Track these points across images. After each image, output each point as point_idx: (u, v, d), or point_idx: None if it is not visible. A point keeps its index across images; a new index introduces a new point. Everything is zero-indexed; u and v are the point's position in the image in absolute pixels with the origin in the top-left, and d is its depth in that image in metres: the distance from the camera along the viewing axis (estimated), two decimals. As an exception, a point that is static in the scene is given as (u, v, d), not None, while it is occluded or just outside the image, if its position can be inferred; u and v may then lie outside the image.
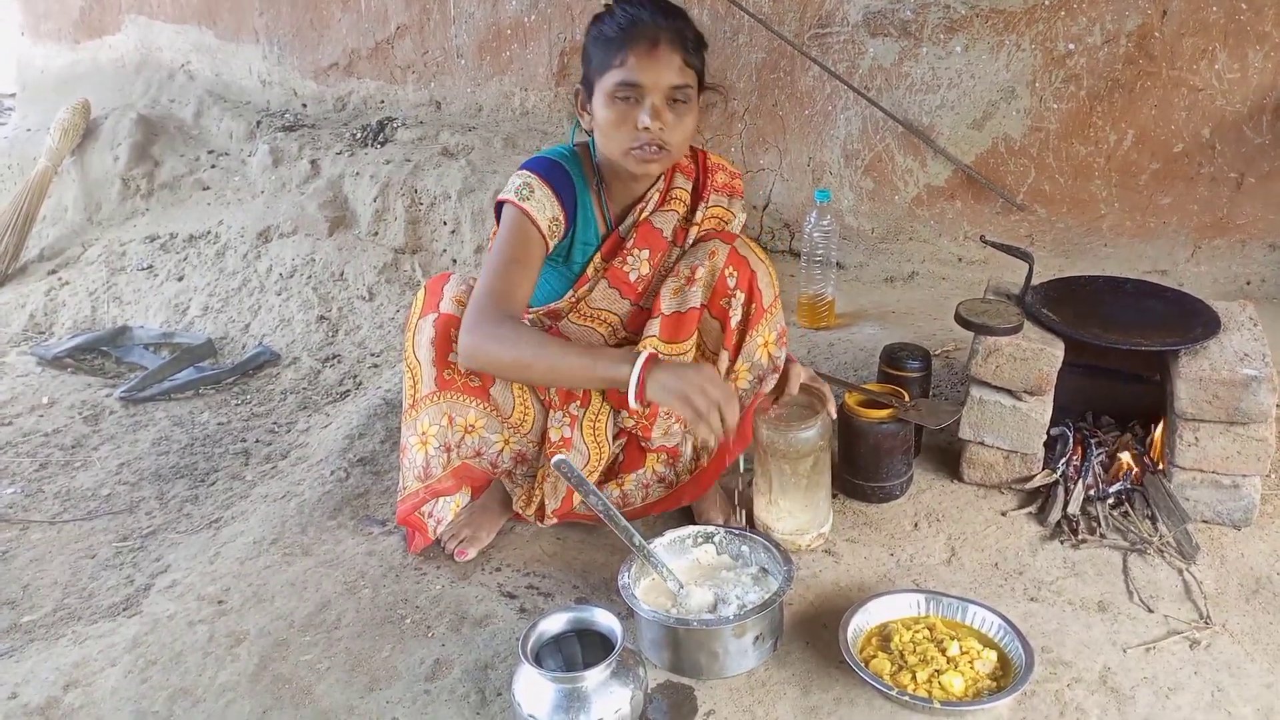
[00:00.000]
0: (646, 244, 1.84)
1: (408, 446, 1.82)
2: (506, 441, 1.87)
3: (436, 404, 1.78)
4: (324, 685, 1.61)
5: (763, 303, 1.81)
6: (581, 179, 1.80)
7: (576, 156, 1.81)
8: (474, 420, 1.83)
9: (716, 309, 1.82)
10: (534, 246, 1.73)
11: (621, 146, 1.69)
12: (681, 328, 1.82)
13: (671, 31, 1.67)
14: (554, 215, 1.74)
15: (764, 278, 1.82)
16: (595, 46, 1.70)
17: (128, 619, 1.82)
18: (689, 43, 1.70)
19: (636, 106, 1.66)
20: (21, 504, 2.43)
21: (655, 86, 1.65)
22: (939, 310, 2.84)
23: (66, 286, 3.78)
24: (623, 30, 1.66)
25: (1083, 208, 2.98)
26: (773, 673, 1.60)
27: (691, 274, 1.80)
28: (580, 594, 1.82)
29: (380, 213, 3.52)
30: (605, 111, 1.68)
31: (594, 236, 1.84)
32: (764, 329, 1.83)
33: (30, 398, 3.04)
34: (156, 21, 4.52)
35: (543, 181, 1.74)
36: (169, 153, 4.15)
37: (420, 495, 1.83)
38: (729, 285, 1.80)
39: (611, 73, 1.65)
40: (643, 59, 1.64)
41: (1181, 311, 2.09)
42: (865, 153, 3.17)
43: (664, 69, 1.66)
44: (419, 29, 3.84)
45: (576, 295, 1.85)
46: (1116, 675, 1.59)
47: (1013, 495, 2.06)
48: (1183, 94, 2.79)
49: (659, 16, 1.67)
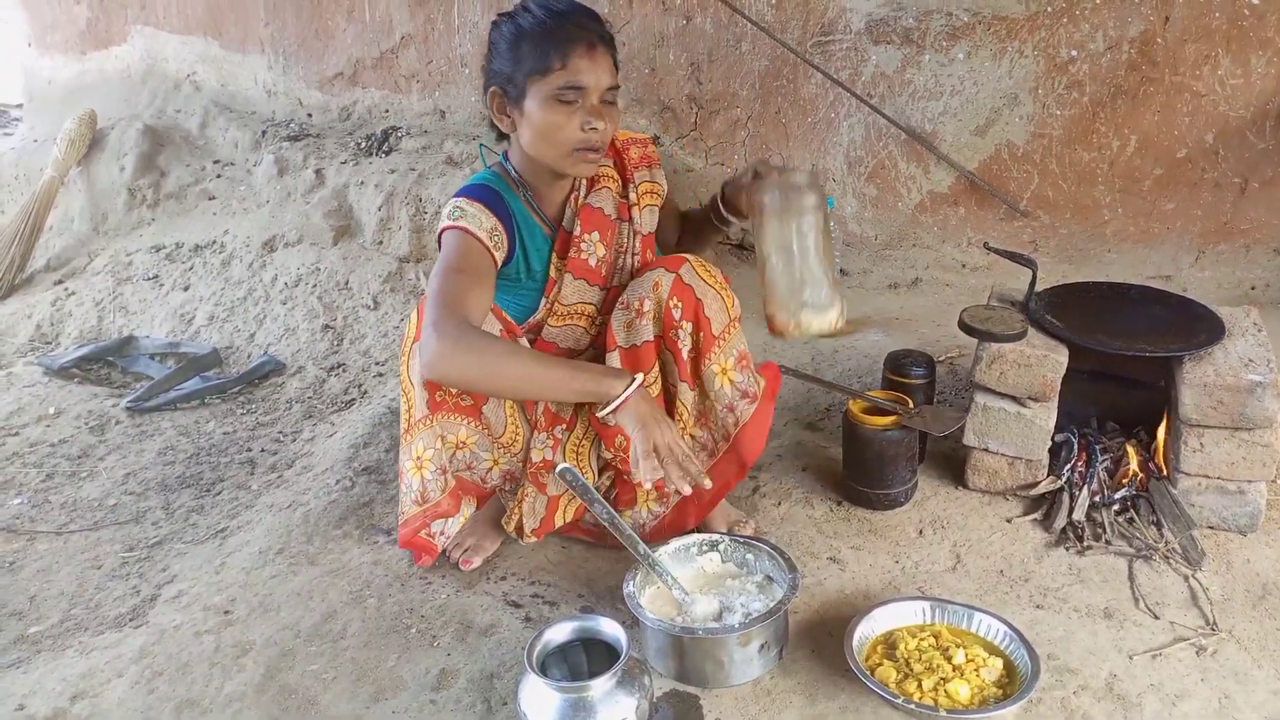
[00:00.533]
0: (593, 226, 1.84)
1: (404, 471, 1.83)
2: (496, 461, 1.88)
3: (430, 428, 1.79)
4: (330, 695, 1.62)
5: (712, 330, 1.76)
6: (509, 192, 1.79)
7: (498, 175, 1.81)
8: (465, 437, 1.83)
9: (668, 340, 1.79)
10: (477, 258, 1.70)
11: (563, 149, 1.69)
12: (640, 361, 1.78)
13: (599, 32, 1.68)
14: (491, 225, 1.72)
15: (713, 304, 1.76)
16: (522, 46, 1.67)
17: (134, 630, 1.83)
18: (611, 45, 1.71)
19: (578, 109, 1.66)
20: (28, 515, 2.44)
21: (596, 88, 1.66)
22: (943, 316, 2.84)
23: (73, 296, 3.79)
24: (556, 31, 1.65)
25: (1086, 213, 2.98)
26: (778, 681, 1.60)
27: (640, 306, 1.76)
28: (585, 603, 1.82)
29: (385, 222, 3.53)
30: (545, 114, 1.66)
31: (543, 240, 1.84)
32: (718, 356, 1.78)
33: (37, 408, 3.05)
34: (162, 32, 4.55)
35: (471, 200, 1.73)
36: (175, 163, 4.17)
37: (420, 520, 1.84)
38: (674, 317, 1.75)
39: (551, 76, 1.64)
40: (583, 60, 1.64)
41: (1186, 317, 2.09)
42: (868, 160, 3.17)
43: (602, 70, 1.67)
44: (423, 38, 3.86)
45: (549, 299, 1.85)
46: (1123, 682, 1.58)
47: (1018, 502, 2.05)
48: (1186, 100, 2.79)
49: (584, 19, 1.68)
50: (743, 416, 1.84)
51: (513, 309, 1.87)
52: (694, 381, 1.82)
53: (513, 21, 1.70)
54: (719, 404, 1.82)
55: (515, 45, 1.68)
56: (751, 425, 1.85)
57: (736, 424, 1.85)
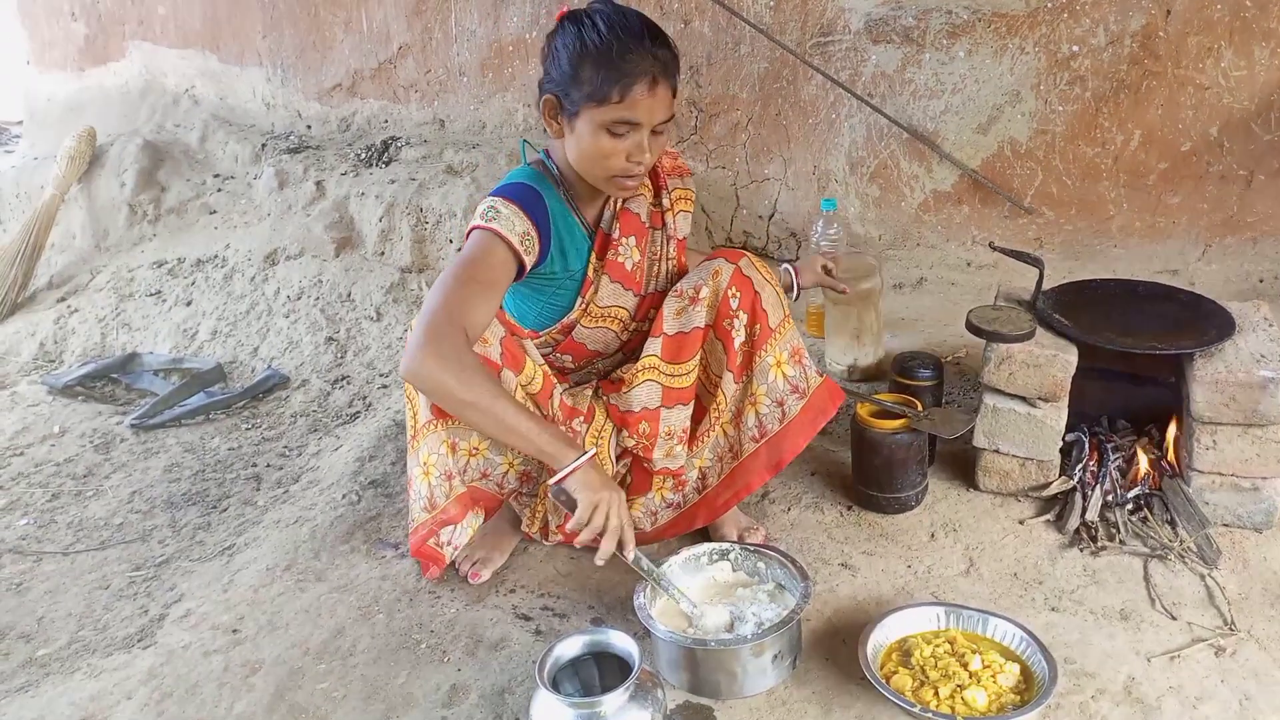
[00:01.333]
0: (631, 230, 1.85)
1: (412, 478, 1.82)
2: (511, 464, 1.87)
3: (435, 432, 1.77)
4: (340, 714, 1.60)
5: (769, 323, 1.80)
6: (551, 191, 1.78)
7: (539, 174, 1.80)
8: (477, 443, 1.83)
9: (720, 330, 1.81)
10: (498, 266, 1.68)
11: (605, 174, 1.70)
12: (684, 349, 1.82)
13: (664, 64, 1.65)
14: (524, 230, 1.70)
15: (769, 297, 1.80)
16: (584, 67, 1.63)
17: (143, 650, 1.81)
18: (673, 71, 1.69)
19: (627, 139, 1.65)
20: (35, 535, 2.43)
21: (649, 123, 1.66)
22: (948, 316, 2.82)
23: (76, 314, 3.78)
24: (620, 61, 1.61)
25: (1091, 209, 2.96)
26: (792, 691, 1.58)
27: (695, 294, 1.80)
28: (595, 614, 1.81)
29: (386, 232, 3.52)
30: (592, 140, 1.66)
31: (582, 240, 1.84)
32: (774, 348, 1.81)
33: (41, 427, 3.04)
34: (160, 47, 4.54)
35: (508, 201, 1.71)
36: (175, 178, 4.16)
37: (428, 526, 1.82)
38: (731, 306, 1.79)
39: (608, 108, 1.62)
40: (642, 98, 1.62)
41: (1195, 313, 2.07)
42: (870, 160, 3.16)
43: (659, 106, 1.65)
44: (421, 48, 3.85)
45: (585, 300, 1.85)
46: (1141, 685, 1.56)
47: (1030, 503, 2.04)
48: (1189, 93, 2.77)
49: (653, 45, 1.64)
50: (790, 412, 1.84)
51: (547, 309, 1.86)
52: (741, 374, 1.83)
53: (579, 34, 1.64)
54: (769, 397, 1.83)
55: (577, 63, 1.64)
56: (798, 423, 1.85)
57: (783, 419, 1.85)
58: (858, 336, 2.49)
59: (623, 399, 1.85)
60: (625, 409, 1.85)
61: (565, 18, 1.69)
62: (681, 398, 1.85)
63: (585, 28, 1.64)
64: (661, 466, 1.88)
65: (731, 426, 1.88)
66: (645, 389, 1.83)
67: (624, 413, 1.85)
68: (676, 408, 1.85)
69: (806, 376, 1.85)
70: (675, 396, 1.84)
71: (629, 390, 1.84)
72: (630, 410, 1.84)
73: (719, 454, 1.90)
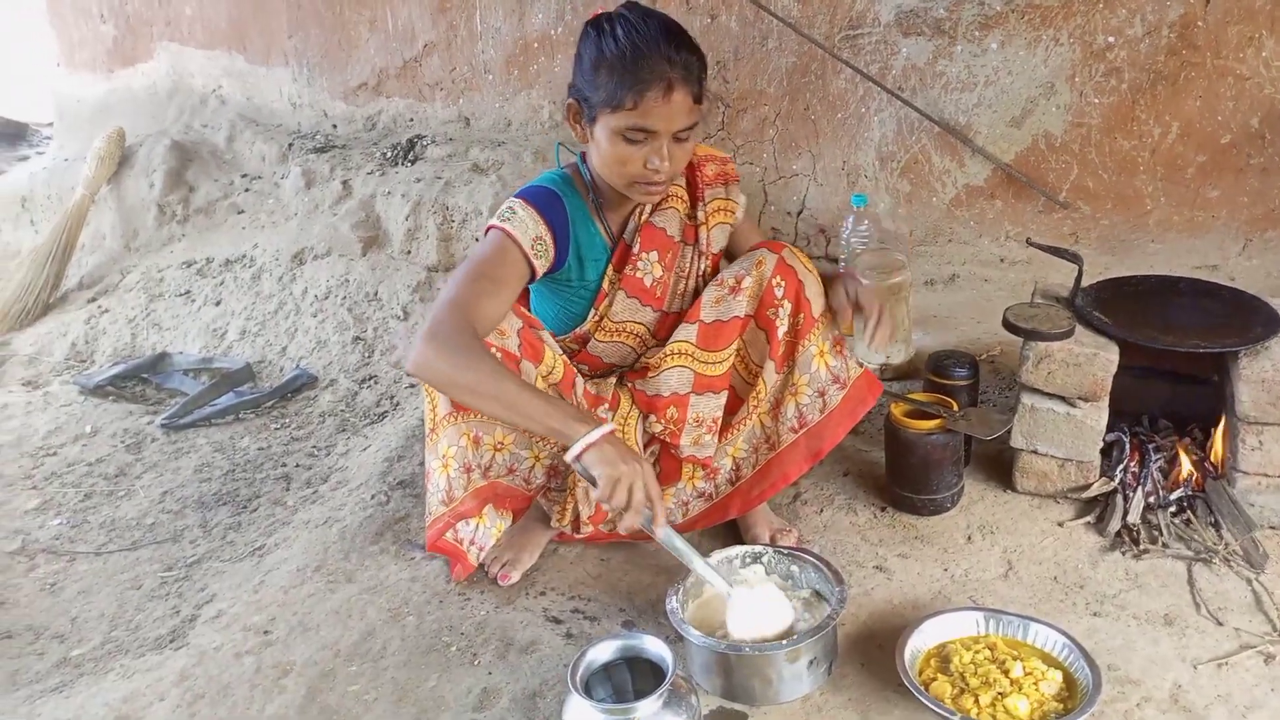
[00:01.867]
0: (652, 246, 1.82)
1: (431, 471, 1.80)
2: (537, 457, 1.85)
3: (455, 424, 1.76)
4: (371, 717, 1.59)
5: (812, 312, 1.78)
6: (576, 198, 1.77)
7: (568, 178, 1.79)
8: (502, 437, 1.80)
9: (762, 319, 1.80)
10: (510, 266, 1.68)
11: (625, 180, 1.67)
12: (720, 337, 1.80)
13: (683, 69, 1.60)
14: (537, 234, 1.70)
15: (812, 287, 1.79)
16: (600, 73, 1.62)
17: (175, 651, 1.81)
18: (696, 77, 1.63)
19: (644, 146, 1.62)
20: (68, 535, 2.44)
21: (666, 131, 1.62)
22: (981, 313, 2.78)
23: (106, 314, 3.81)
24: (634, 67, 1.58)
25: (1128, 204, 2.90)
26: (828, 698, 1.55)
27: (737, 283, 1.78)
28: (626, 617, 1.79)
29: (412, 231, 3.51)
30: (610, 146, 1.64)
31: (602, 251, 1.82)
32: (816, 338, 1.80)
33: (73, 427, 3.06)
34: (188, 48, 4.57)
35: (527, 204, 1.72)
36: (203, 178, 4.18)
37: (445, 520, 1.80)
38: (775, 295, 1.77)
39: (622, 114, 1.60)
40: (656, 105, 1.59)
41: (1239, 310, 2.02)
42: (901, 155, 3.11)
43: (676, 113, 1.61)
44: (446, 46, 3.84)
45: (598, 313, 1.83)
46: (1188, 693, 1.52)
47: (1069, 505, 1.99)
48: (1229, 83, 2.71)
49: (670, 50, 1.60)
50: (831, 402, 1.83)
51: (563, 315, 1.85)
52: (783, 364, 1.81)
53: (599, 40, 1.63)
54: (811, 387, 1.82)
55: (595, 69, 1.63)
56: (839, 412, 1.83)
57: (824, 409, 1.83)
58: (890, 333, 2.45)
59: (649, 383, 1.83)
60: (653, 393, 1.82)
61: (590, 22, 1.68)
62: (713, 385, 1.83)
63: (604, 33, 1.63)
64: (689, 454, 1.85)
65: (769, 417, 1.86)
66: (676, 374, 1.81)
67: (651, 397, 1.83)
68: (707, 395, 1.83)
69: (847, 367, 1.84)
70: (706, 384, 1.82)
71: (656, 375, 1.82)
72: (658, 395, 1.82)
73: (754, 445, 1.88)
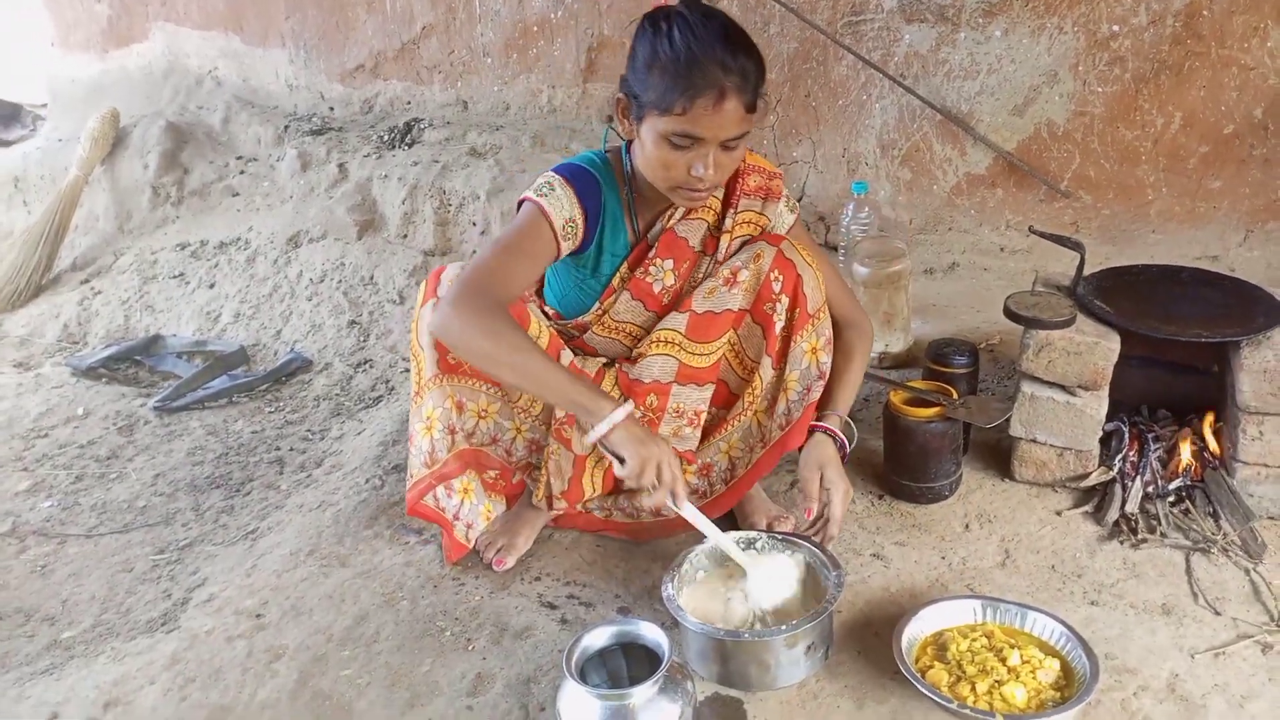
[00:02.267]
0: (670, 254, 1.78)
1: (414, 434, 1.79)
2: (519, 430, 1.84)
3: (440, 387, 1.75)
4: (364, 702, 1.58)
5: (808, 308, 1.76)
6: (611, 187, 1.74)
7: (608, 164, 1.75)
8: (486, 405, 1.80)
9: (759, 314, 1.77)
10: (542, 242, 1.67)
11: (667, 184, 1.63)
12: (711, 328, 1.77)
13: (739, 76, 1.53)
14: (571, 216, 1.68)
15: (810, 282, 1.76)
16: (653, 73, 1.55)
17: (166, 635, 1.80)
18: (752, 85, 1.56)
19: (690, 152, 1.57)
20: (59, 517, 2.43)
21: (714, 139, 1.56)
22: (981, 302, 2.76)
23: (99, 296, 3.79)
24: (688, 71, 1.52)
25: (1129, 193, 2.89)
26: (825, 684, 1.54)
27: (734, 276, 1.75)
28: (622, 603, 1.78)
29: (409, 215, 3.49)
30: (655, 149, 1.59)
31: (623, 247, 1.79)
32: (809, 334, 1.77)
33: (65, 409, 3.04)
34: (183, 29, 4.53)
35: (566, 183, 1.69)
36: (198, 159, 4.15)
37: (427, 481, 1.79)
38: (773, 290, 1.75)
39: (670, 119, 1.54)
40: (707, 113, 1.53)
41: (1241, 300, 2.01)
42: (902, 142, 3.09)
43: (727, 122, 1.55)
44: (445, 28, 3.81)
45: (602, 307, 1.81)
46: (1185, 683, 1.52)
47: (1067, 494, 1.98)
48: (1233, 74, 2.69)
49: (727, 56, 1.53)
50: (812, 397, 1.80)
51: (571, 298, 1.83)
52: (779, 361, 1.79)
53: (654, 39, 1.57)
54: (799, 384, 1.79)
55: (648, 68, 1.57)
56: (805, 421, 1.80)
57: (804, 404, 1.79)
58: (888, 321, 2.44)
59: (634, 368, 1.81)
60: (634, 378, 1.80)
61: (647, 16, 1.62)
62: (697, 377, 1.80)
63: (660, 33, 1.57)
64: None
65: (766, 415, 1.84)
66: (660, 361, 1.78)
67: (632, 381, 1.80)
68: (690, 386, 1.81)
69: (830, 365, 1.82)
70: (691, 375, 1.80)
71: (641, 360, 1.80)
72: (639, 380, 1.79)
73: (750, 443, 1.86)
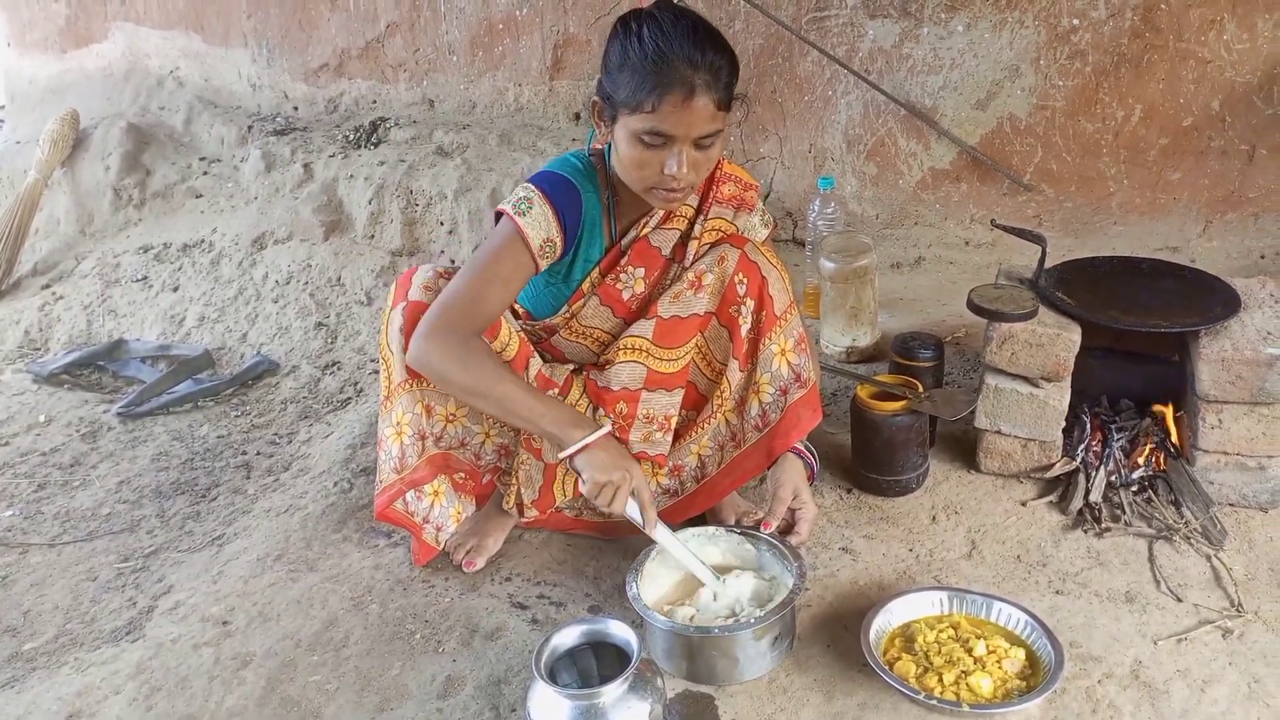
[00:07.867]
0: (642, 262, 1.78)
1: (384, 439, 1.78)
2: (487, 434, 1.84)
3: (409, 392, 1.75)
4: (333, 707, 1.57)
5: (774, 310, 1.75)
6: (593, 191, 1.72)
7: (591, 167, 1.74)
8: (454, 409, 1.80)
9: (725, 317, 1.77)
10: (518, 265, 1.67)
11: (642, 185, 1.63)
12: (677, 333, 1.76)
13: (708, 73, 1.53)
14: (549, 236, 1.67)
15: (776, 284, 1.75)
16: (624, 73, 1.56)
17: (131, 644, 1.78)
18: (723, 83, 1.56)
19: (663, 151, 1.57)
20: (21, 527, 2.39)
21: (686, 137, 1.56)
22: (947, 296, 2.79)
23: (61, 301, 3.73)
24: (656, 69, 1.52)
25: (1091, 186, 2.92)
26: (794, 678, 1.55)
27: (699, 280, 1.75)
28: (593, 602, 1.78)
29: (376, 215, 3.46)
30: (628, 149, 1.59)
31: (598, 253, 1.78)
32: (779, 336, 1.77)
33: (27, 416, 2.99)
34: (143, 28, 4.46)
35: (545, 199, 1.67)
36: (160, 161, 4.09)
37: (397, 487, 1.78)
38: (738, 293, 1.74)
39: (640, 117, 1.54)
40: (675, 110, 1.53)
41: (1200, 290, 2.04)
42: (867, 137, 3.11)
43: (697, 119, 1.55)
44: (409, 26, 3.79)
45: (571, 311, 1.80)
46: (1149, 669, 1.54)
47: (1032, 484, 2.01)
48: (1191, 66, 2.73)
49: (697, 53, 1.53)
50: (792, 399, 1.79)
51: (539, 298, 1.82)
52: (746, 362, 1.79)
53: (625, 40, 1.57)
54: (772, 385, 1.79)
55: (620, 68, 1.57)
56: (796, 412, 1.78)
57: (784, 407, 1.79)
58: (855, 316, 2.46)
59: (602, 375, 1.80)
60: (603, 385, 1.79)
61: (620, 20, 1.62)
62: (666, 383, 1.80)
63: (630, 33, 1.57)
64: (639, 450, 1.81)
65: (734, 415, 1.84)
66: (628, 369, 1.77)
67: (601, 389, 1.79)
68: (659, 392, 1.80)
69: (809, 366, 1.81)
70: (660, 381, 1.79)
71: (609, 368, 1.79)
72: (608, 388, 1.78)
73: (720, 442, 1.86)
